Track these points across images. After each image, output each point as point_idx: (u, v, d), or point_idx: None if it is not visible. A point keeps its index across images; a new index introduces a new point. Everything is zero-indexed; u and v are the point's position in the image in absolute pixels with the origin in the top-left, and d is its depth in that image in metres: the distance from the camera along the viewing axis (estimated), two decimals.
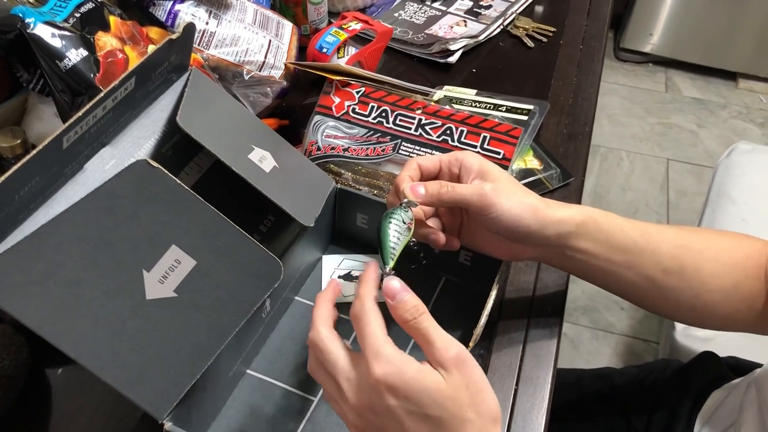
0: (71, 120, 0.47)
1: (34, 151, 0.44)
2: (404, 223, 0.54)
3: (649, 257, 0.57)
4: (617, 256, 0.57)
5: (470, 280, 0.67)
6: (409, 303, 0.45)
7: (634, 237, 0.57)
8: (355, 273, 0.69)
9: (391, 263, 0.52)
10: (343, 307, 0.66)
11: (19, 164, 0.43)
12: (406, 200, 0.56)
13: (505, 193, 0.55)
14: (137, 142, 0.58)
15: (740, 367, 0.82)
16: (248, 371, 0.61)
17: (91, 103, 0.48)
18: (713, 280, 0.58)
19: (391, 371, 0.42)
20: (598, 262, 0.57)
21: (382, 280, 0.52)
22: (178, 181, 0.49)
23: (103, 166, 0.55)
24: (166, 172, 0.48)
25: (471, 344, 0.56)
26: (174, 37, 0.54)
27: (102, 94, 0.49)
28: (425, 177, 0.59)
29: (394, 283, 0.46)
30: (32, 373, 0.61)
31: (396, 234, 0.54)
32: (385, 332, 0.44)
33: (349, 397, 0.44)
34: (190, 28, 0.56)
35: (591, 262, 0.58)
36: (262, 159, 0.60)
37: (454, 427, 0.43)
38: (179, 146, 0.62)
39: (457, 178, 0.58)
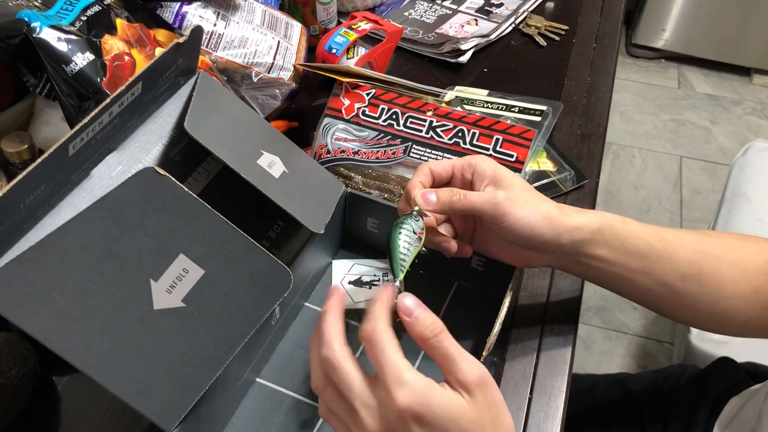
0: (77, 127, 0.46)
1: (40, 159, 0.44)
2: (415, 233, 0.53)
3: (667, 263, 0.56)
4: (634, 262, 0.56)
5: (483, 285, 0.66)
6: (427, 320, 0.43)
7: (651, 243, 0.56)
8: (365, 278, 0.68)
9: (401, 275, 0.51)
10: (352, 314, 0.65)
11: (24, 173, 0.43)
12: (416, 208, 0.54)
13: (519, 201, 0.53)
14: (144, 147, 0.57)
15: (759, 373, 0.81)
16: (258, 380, 0.60)
17: (97, 110, 0.47)
18: (733, 286, 0.57)
19: (417, 400, 0.40)
20: (614, 269, 0.56)
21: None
22: (186, 189, 0.48)
23: (109, 173, 0.54)
24: (174, 179, 0.47)
25: (485, 353, 0.55)
26: (181, 40, 0.53)
27: (108, 100, 0.48)
28: (437, 182, 0.58)
29: (409, 301, 0.44)
30: (39, 382, 0.60)
31: (406, 244, 0.53)
32: (402, 354, 0.42)
33: (368, 424, 0.42)
34: (197, 31, 0.55)
35: (606, 269, 0.56)
36: (272, 164, 0.59)
37: None
38: (187, 151, 0.61)
39: (469, 184, 0.57)
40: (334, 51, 0.86)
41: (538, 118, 0.78)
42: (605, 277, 0.58)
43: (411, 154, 0.71)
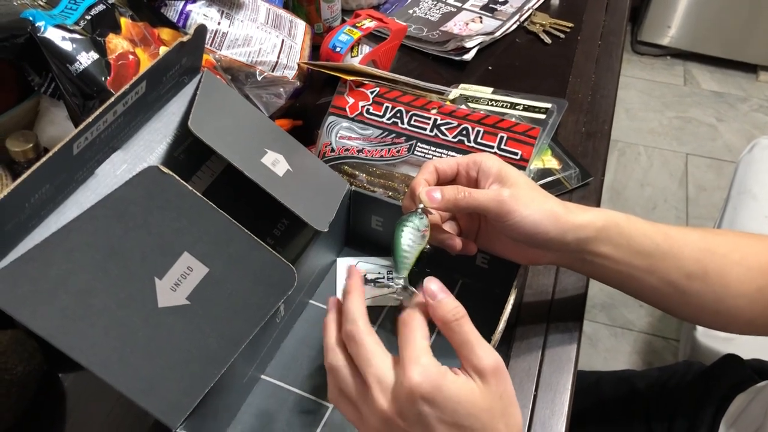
0: (81, 126, 0.46)
1: (44, 158, 0.44)
2: (419, 230, 0.53)
3: (672, 262, 0.56)
4: (639, 260, 0.56)
5: (487, 283, 0.66)
6: (450, 304, 0.45)
7: (656, 241, 0.56)
8: (370, 276, 0.68)
9: (405, 273, 0.51)
10: None
11: (29, 171, 0.43)
12: (421, 206, 0.54)
13: (524, 199, 0.53)
14: (149, 146, 0.57)
15: (765, 370, 0.81)
16: (263, 377, 0.60)
17: (101, 109, 0.47)
18: (738, 285, 0.57)
19: (429, 380, 0.41)
20: (619, 267, 0.56)
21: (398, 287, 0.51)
22: (190, 188, 0.48)
23: (114, 171, 0.54)
24: (178, 178, 0.48)
25: None
26: (185, 39, 0.53)
27: (112, 99, 0.48)
28: (442, 180, 0.57)
29: (434, 285, 0.46)
30: (45, 379, 0.60)
31: (410, 242, 0.53)
32: (428, 342, 0.44)
33: (377, 400, 0.43)
34: (201, 30, 0.55)
35: (611, 267, 0.56)
36: (276, 162, 0.59)
37: None
38: (191, 150, 0.61)
39: (474, 182, 0.57)
40: (338, 49, 0.86)
41: (543, 116, 0.78)
42: (610, 274, 0.58)
43: (415, 152, 0.71)
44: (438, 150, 0.70)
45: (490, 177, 0.55)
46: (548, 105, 0.78)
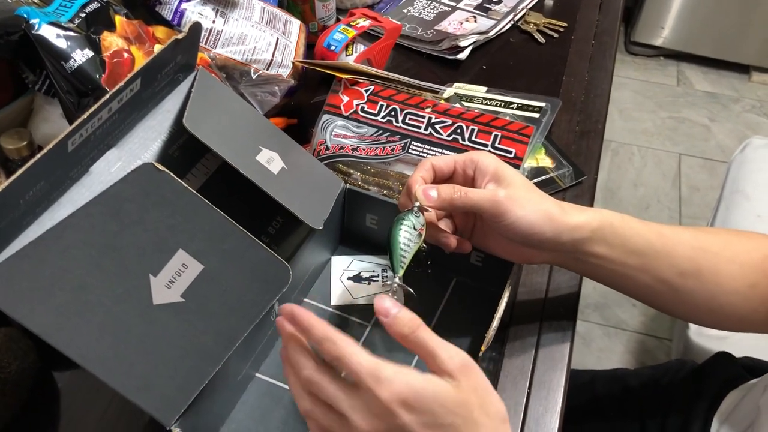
0: (76, 123, 0.46)
1: (39, 155, 0.44)
2: (415, 229, 0.53)
3: (665, 260, 0.56)
4: (632, 259, 0.56)
5: (482, 281, 0.66)
6: (405, 317, 0.44)
7: (650, 239, 0.56)
8: (364, 274, 0.69)
9: (401, 271, 0.51)
10: (351, 310, 0.65)
11: (23, 168, 0.43)
12: (417, 204, 0.55)
13: (520, 199, 0.53)
14: (144, 143, 0.57)
15: (756, 368, 0.81)
16: (257, 375, 0.61)
17: (95, 106, 0.47)
18: (730, 282, 0.57)
19: (400, 388, 0.41)
20: (613, 266, 0.56)
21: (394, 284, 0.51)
22: (185, 185, 0.48)
23: (108, 169, 0.54)
24: (173, 175, 0.48)
25: (483, 347, 0.55)
26: (180, 36, 0.53)
27: (107, 97, 0.48)
28: (438, 178, 0.58)
29: (385, 302, 0.45)
30: (40, 377, 0.60)
31: (406, 240, 0.53)
32: (367, 353, 0.42)
33: (358, 425, 0.42)
34: (196, 27, 0.55)
35: (606, 266, 0.57)
36: (270, 160, 0.59)
37: (469, 431, 0.42)
38: (186, 147, 0.61)
39: (471, 180, 0.57)
40: (332, 48, 0.86)
41: (537, 115, 0.78)
42: (604, 274, 0.58)
43: (410, 151, 0.71)
44: (432, 148, 0.71)
45: (486, 176, 0.56)
46: (542, 104, 0.78)
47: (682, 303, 0.59)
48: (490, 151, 0.69)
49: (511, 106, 0.78)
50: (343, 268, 0.69)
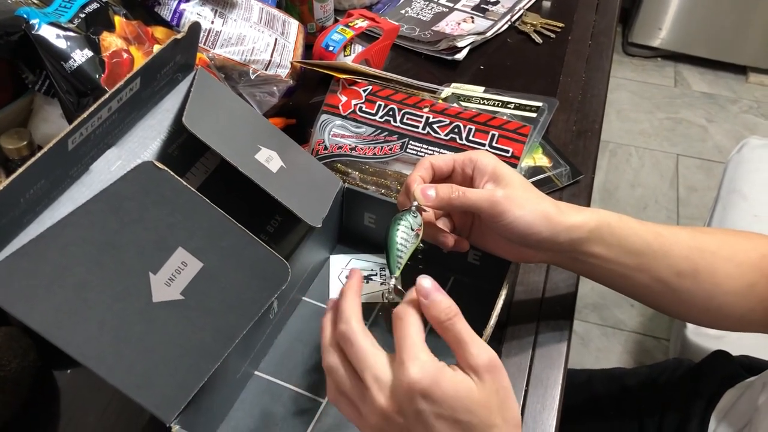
0: (76, 122, 0.46)
1: (39, 153, 0.44)
2: (413, 229, 0.54)
3: (663, 260, 0.56)
4: (630, 259, 0.56)
5: (479, 279, 0.67)
6: (443, 303, 0.45)
7: (647, 239, 0.56)
8: (363, 273, 0.69)
9: (397, 272, 0.52)
10: None
11: (24, 167, 0.43)
12: (415, 204, 0.55)
13: (518, 200, 0.54)
14: (143, 142, 0.58)
15: (753, 366, 0.81)
16: (256, 373, 0.61)
17: (95, 105, 0.47)
18: (728, 282, 0.57)
19: (427, 376, 0.42)
20: (611, 266, 0.57)
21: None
22: (184, 183, 0.48)
23: (108, 168, 0.54)
24: (172, 173, 0.48)
25: None
26: (179, 36, 0.53)
27: (107, 96, 0.48)
28: (437, 177, 0.58)
29: (427, 282, 0.46)
30: (40, 375, 0.60)
31: (404, 241, 0.53)
32: (424, 337, 0.44)
33: (376, 398, 0.43)
34: (195, 27, 0.55)
35: (603, 266, 0.57)
36: (269, 159, 0.59)
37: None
38: (185, 147, 0.62)
39: (470, 179, 0.57)
40: (331, 48, 0.86)
41: (534, 114, 0.78)
42: (602, 273, 0.58)
43: (408, 150, 0.72)
44: (430, 147, 0.71)
45: (485, 175, 0.56)
46: (539, 103, 0.79)
47: (680, 303, 0.59)
48: (487, 150, 0.69)
49: (508, 105, 0.79)
50: (342, 266, 0.70)
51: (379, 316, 0.65)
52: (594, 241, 0.56)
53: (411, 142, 0.72)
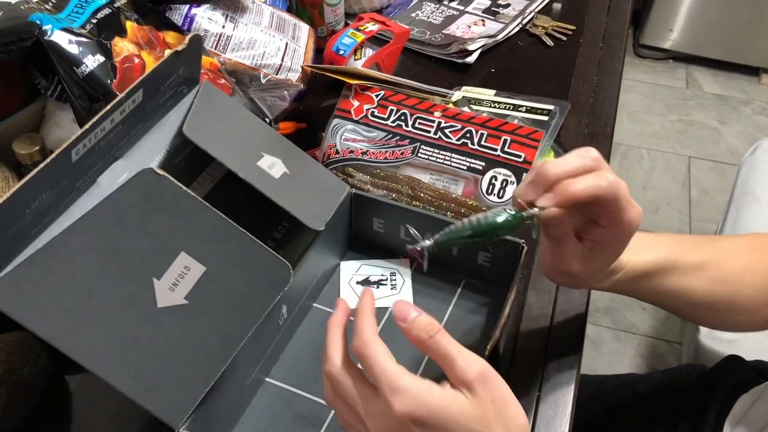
0: (79, 132, 0.47)
1: (42, 165, 0.44)
2: (502, 229, 0.48)
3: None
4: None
5: (490, 281, 0.66)
6: (423, 322, 0.43)
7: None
8: (373, 278, 0.69)
9: (435, 239, 0.49)
10: None
11: (27, 177, 0.43)
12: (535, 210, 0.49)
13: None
14: (149, 155, 0.58)
15: (767, 371, 0.81)
16: (267, 379, 0.61)
17: (97, 116, 0.48)
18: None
19: (413, 404, 0.40)
20: (659, 289, 0.59)
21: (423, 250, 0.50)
22: (185, 188, 0.49)
23: (116, 180, 0.55)
24: (173, 179, 0.48)
25: (489, 347, 0.55)
26: (180, 48, 0.53)
27: (109, 107, 0.48)
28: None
29: (401, 305, 0.44)
30: (51, 380, 0.61)
31: (480, 224, 0.48)
32: (395, 361, 0.42)
33: (372, 429, 0.43)
34: (196, 39, 0.55)
35: (654, 290, 0.59)
36: (272, 166, 0.59)
37: None
38: (191, 158, 0.62)
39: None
40: (341, 52, 0.86)
41: (546, 118, 0.78)
42: (650, 297, 0.61)
43: (419, 155, 0.71)
44: (442, 152, 0.71)
45: None
46: (551, 107, 0.78)
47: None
48: (499, 155, 0.69)
49: (519, 109, 0.78)
50: (352, 272, 0.69)
51: (389, 322, 0.65)
52: (651, 278, 0.58)
53: (422, 146, 0.71)
